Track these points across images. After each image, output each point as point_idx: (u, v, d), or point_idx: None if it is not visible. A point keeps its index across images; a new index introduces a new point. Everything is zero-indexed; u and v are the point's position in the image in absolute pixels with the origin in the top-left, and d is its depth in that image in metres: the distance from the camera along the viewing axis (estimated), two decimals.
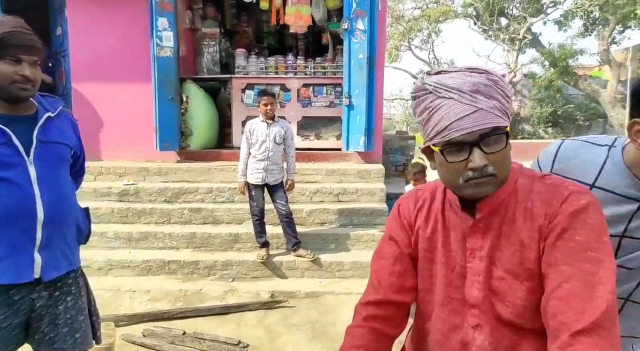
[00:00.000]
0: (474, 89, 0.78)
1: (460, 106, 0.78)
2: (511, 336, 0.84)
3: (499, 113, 0.79)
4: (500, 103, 0.79)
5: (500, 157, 0.80)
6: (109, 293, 3.52)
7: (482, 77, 0.80)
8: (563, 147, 1.07)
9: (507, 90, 0.82)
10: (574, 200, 0.80)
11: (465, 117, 0.78)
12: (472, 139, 0.78)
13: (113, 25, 5.27)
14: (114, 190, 4.58)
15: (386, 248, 1.00)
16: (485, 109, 0.78)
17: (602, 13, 14.27)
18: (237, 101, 5.63)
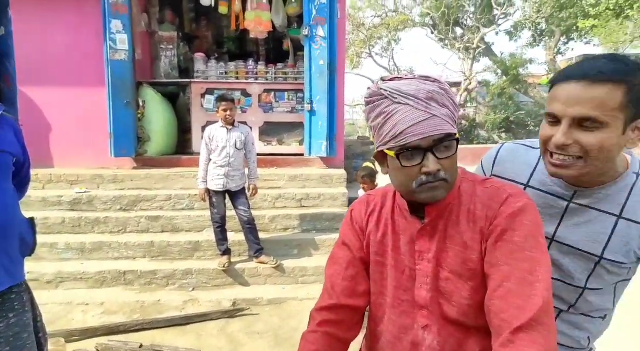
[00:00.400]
0: (428, 97, 0.81)
1: (416, 112, 0.81)
2: (457, 335, 0.88)
3: (450, 121, 0.83)
4: (450, 111, 0.83)
5: (451, 163, 0.84)
6: (60, 307, 3.35)
7: (435, 85, 0.83)
8: (502, 151, 1.13)
9: (455, 100, 0.86)
10: (512, 203, 0.84)
11: (420, 122, 0.80)
12: (426, 145, 0.81)
13: (63, 26, 5.05)
14: (65, 199, 4.35)
15: (339, 253, 1.02)
16: (439, 116, 0.81)
17: (548, 25, 15.19)
18: (197, 106, 5.52)
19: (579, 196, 0.96)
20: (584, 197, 0.95)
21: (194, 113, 5.53)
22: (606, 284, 0.98)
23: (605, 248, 0.94)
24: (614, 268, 0.95)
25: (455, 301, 0.86)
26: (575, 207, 0.96)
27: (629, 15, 9.91)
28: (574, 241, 0.96)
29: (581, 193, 0.96)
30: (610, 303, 1.02)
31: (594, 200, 0.94)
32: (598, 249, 0.94)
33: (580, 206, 0.96)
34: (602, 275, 0.96)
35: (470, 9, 16.52)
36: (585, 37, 13.76)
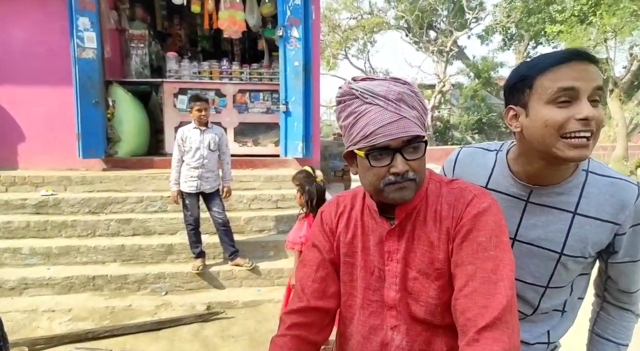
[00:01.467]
0: (398, 98, 0.82)
1: (386, 113, 0.81)
2: (425, 334, 0.88)
3: (418, 123, 0.84)
4: (419, 113, 0.85)
5: (419, 164, 0.85)
6: (24, 315, 3.20)
7: (405, 87, 0.84)
8: (460, 154, 1.16)
9: (424, 103, 0.87)
10: (477, 203, 0.85)
11: (390, 123, 0.81)
12: (395, 145, 0.82)
13: (25, 21, 4.85)
14: (29, 202, 4.17)
15: (309, 255, 1.01)
16: (408, 118, 0.82)
17: (517, 30, 15.67)
18: (170, 106, 5.41)
19: (534, 195, 0.99)
20: (540, 195, 0.98)
21: (166, 113, 5.41)
22: (565, 281, 1.01)
23: (565, 245, 0.96)
24: (574, 265, 0.98)
25: (422, 300, 0.87)
26: (533, 206, 0.99)
27: (592, 22, 10.34)
28: (534, 239, 0.99)
29: (537, 191, 0.98)
30: (565, 296, 1.04)
31: (549, 199, 0.97)
32: (558, 246, 0.97)
33: (537, 205, 0.98)
34: (562, 273, 0.99)
35: (443, 13, 16.87)
36: (553, 42, 14.27)
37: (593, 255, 0.98)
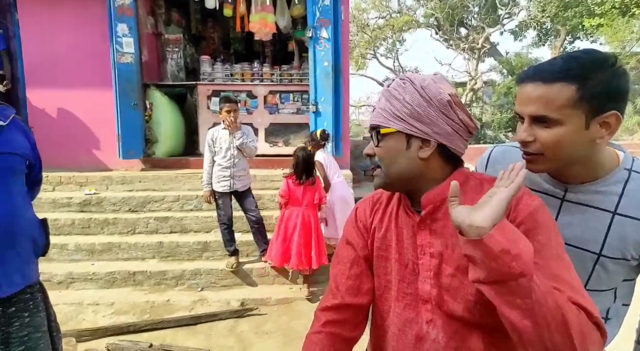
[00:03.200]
0: (385, 90, 0.92)
1: (378, 103, 0.94)
2: (462, 331, 0.87)
3: (386, 115, 0.89)
4: (392, 106, 0.89)
5: (381, 152, 0.91)
6: (71, 308, 3.37)
7: (397, 80, 0.92)
8: (493, 153, 1.15)
9: (414, 98, 0.87)
10: (528, 201, 0.84)
11: (373, 111, 0.94)
12: (370, 131, 0.94)
13: (70, 29, 5.11)
14: (74, 200, 4.39)
15: (343, 252, 1.02)
16: (378, 109, 0.92)
17: (553, 24, 15.12)
18: (204, 108, 5.56)
19: (571, 193, 0.97)
20: (576, 193, 0.96)
21: (200, 114, 5.56)
22: (606, 285, 0.97)
23: (603, 245, 0.93)
24: (614, 267, 0.94)
25: (460, 297, 0.86)
26: (569, 205, 0.97)
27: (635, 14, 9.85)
28: (571, 238, 0.96)
29: (573, 189, 0.96)
30: (609, 303, 1.00)
31: (587, 197, 0.95)
32: (596, 246, 0.94)
33: (573, 203, 0.96)
34: (602, 275, 0.95)
35: (474, 9, 16.49)
36: (591, 36, 13.69)
37: (637, 258, 0.93)
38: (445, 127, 0.87)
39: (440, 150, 0.89)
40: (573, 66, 0.84)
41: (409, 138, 0.88)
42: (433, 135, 0.87)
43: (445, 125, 0.87)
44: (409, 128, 0.87)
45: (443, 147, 0.89)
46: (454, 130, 0.87)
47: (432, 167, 0.90)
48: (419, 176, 0.90)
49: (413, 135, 0.87)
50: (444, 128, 0.87)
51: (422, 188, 0.91)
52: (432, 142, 0.87)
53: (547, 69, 0.87)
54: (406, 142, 0.88)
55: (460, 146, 0.90)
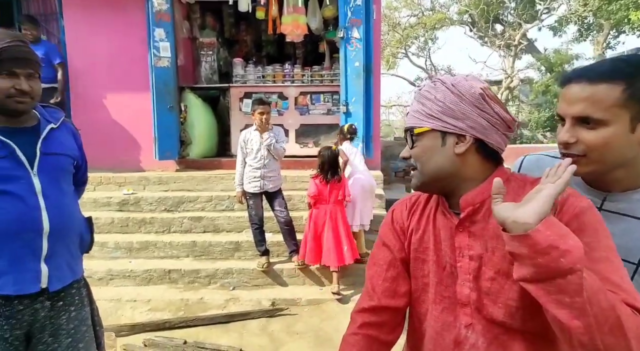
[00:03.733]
0: (417, 93, 0.92)
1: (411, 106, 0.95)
2: (503, 337, 0.84)
3: (419, 116, 0.90)
4: (425, 107, 0.89)
5: (417, 152, 0.91)
6: (110, 304, 3.51)
7: (428, 82, 0.92)
8: (525, 162, 1.14)
9: (446, 96, 0.86)
10: (575, 202, 0.80)
11: (408, 114, 0.95)
12: (405, 133, 0.95)
13: (110, 35, 5.31)
14: (114, 200, 4.57)
15: (379, 254, 1.02)
16: (411, 112, 0.93)
17: (596, 19, 14.44)
18: (236, 110, 5.65)
19: (609, 202, 0.93)
20: (616, 202, 0.92)
21: (233, 116, 5.66)
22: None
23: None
24: None
25: (501, 302, 0.83)
26: (607, 214, 0.92)
27: None
28: None
29: (611, 198, 0.93)
30: None
31: (627, 206, 0.91)
32: (635, 257, 0.90)
33: (612, 213, 0.93)
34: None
35: (510, 5, 15.98)
36: (638, 30, 12.97)
37: None
38: (480, 121, 0.85)
39: (478, 146, 0.87)
40: (621, 66, 0.84)
41: (444, 135, 0.87)
42: (468, 129, 0.85)
43: (480, 118, 0.85)
44: (442, 125, 0.86)
45: (481, 143, 0.86)
46: (490, 124, 0.85)
47: (469, 164, 0.87)
48: (456, 174, 0.88)
49: (448, 131, 0.87)
50: (478, 122, 0.85)
51: (460, 188, 0.89)
52: (468, 136, 0.86)
53: (594, 68, 0.86)
54: (441, 139, 0.87)
55: (498, 141, 0.87)
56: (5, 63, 1.31)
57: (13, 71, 1.32)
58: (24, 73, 1.34)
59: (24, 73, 1.34)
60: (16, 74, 1.33)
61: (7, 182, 1.33)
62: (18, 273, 1.34)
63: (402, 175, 6.41)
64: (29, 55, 1.36)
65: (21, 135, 1.39)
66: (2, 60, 1.30)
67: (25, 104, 1.36)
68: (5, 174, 1.33)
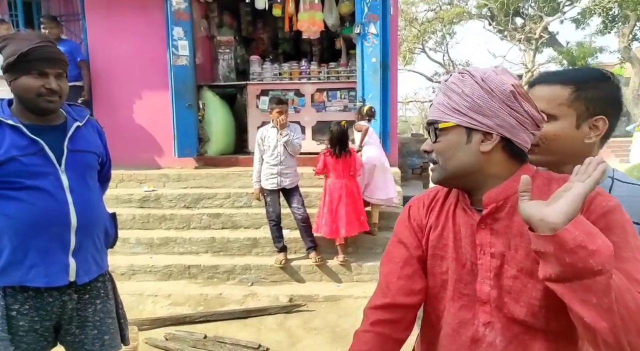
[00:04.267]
0: (442, 85, 0.90)
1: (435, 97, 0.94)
2: (523, 336, 0.83)
3: (443, 110, 0.87)
4: (451, 101, 0.86)
5: (439, 147, 0.89)
6: (132, 298, 3.59)
7: (455, 74, 0.88)
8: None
9: (474, 90, 0.84)
10: (602, 201, 0.78)
11: (431, 106, 0.93)
12: (427, 126, 0.93)
13: (131, 34, 5.41)
14: (135, 197, 4.67)
15: (395, 251, 1.01)
16: (435, 104, 0.90)
17: (621, 10, 13.99)
18: (253, 107, 5.69)
19: None
20: None
21: (250, 113, 5.71)
22: None
23: None
24: None
25: (523, 301, 0.82)
26: None
27: None
28: None
29: None
30: None
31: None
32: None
33: None
34: None
35: None
36: None
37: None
38: (508, 119, 0.83)
39: (504, 145, 0.85)
40: (574, 74, 1.03)
41: (470, 131, 0.85)
42: (495, 127, 0.83)
43: (509, 117, 0.82)
44: (469, 121, 0.84)
45: (507, 141, 0.84)
46: (519, 123, 0.83)
47: (494, 161, 0.86)
48: (479, 171, 0.86)
49: (474, 128, 0.84)
50: (507, 120, 0.83)
51: (483, 185, 0.88)
52: (495, 135, 0.83)
53: (553, 74, 1.05)
54: (467, 136, 0.85)
55: (525, 140, 0.85)
56: (35, 63, 1.35)
57: (44, 71, 1.37)
58: (54, 73, 1.39)
59: (54, 73, 1.39)
60: (46, 73, 1.37)
61: (37, 178, 1.38)
62: (48, 266, 1.39)
63: (419, 172, 6.37)
64: (58, 55, 1.41)
65: (49, 132, 1.44)
66: (32, 60, 1.34)
67: (54, 103, 1.41)
68: (36, 170, 1.38)
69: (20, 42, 1.35)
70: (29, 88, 1.36)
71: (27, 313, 1.39)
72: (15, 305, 1.38)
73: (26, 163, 1.36)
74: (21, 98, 1.40)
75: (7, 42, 1.37)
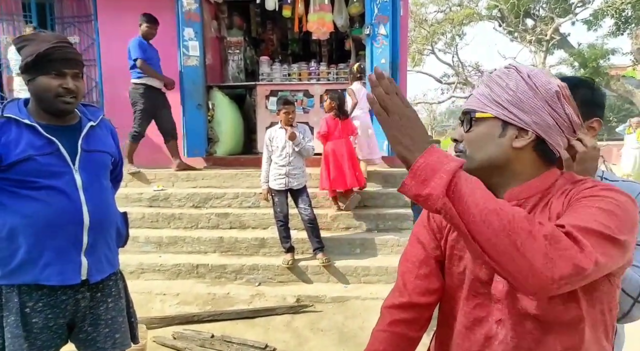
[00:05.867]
0: (486, 77, 0.89)
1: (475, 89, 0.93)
2: (535, 332, 0.84)
3: (484, 100, 0.86)
4: (492, 92, 0.85)
5: (470, 137, 0.88)
6: (141, 296, 3.62)
7: (502, 68, 0.88)
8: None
9: (517, 84, 0.84)
10: (587, 182, 0.80)
11: (469, 96, 0.91)
12: (461, 116, 0.91)
13: None
14: (144, 196, 4.71)
15: (413, 251, 1.02)
16: (475, 95, 0.89)
17: (635, 11, 13.81)
18: (262, 108, 5.72)
19: None
20: None
21: (259, 114, 5.73)
22: None
23: None
24: None
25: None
26: None
27: None
28: None
29: None
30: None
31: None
32: None
33: None
34: None
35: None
36: None
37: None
38: (547, 119, 0.82)
39: (537, 144, 0.84)
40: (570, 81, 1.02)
41: (506, 125, 0.84)
42: (532, 125, 0.82)
43: (548, 116, 0.82)
44: (507, 114, 0.83)
45: (540, 141, 0.84)
46: (557, 124, 0.82)
47: (522, 159, 0.85)
48: (506, 167, 0.86)
49: (510, 122, 0.83)
50: (546, 119, 0.82)
51: (506, 183, 0.87)
52: (530, 132, 0.83)
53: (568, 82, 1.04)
54: (501, 129, 0.84)
55: (559, 143, 0.84)
56: (54, 63, 1.38)
57: (61, 71, 1.39)
58: (71, 73, 1.41)
59: (71, 73, 1.41)
60: (64, 73, 1.39)
61: (53, 178, 1.40)
62: (62, 265, 1.41)
63: None
64: (75, 55, 1.43)
65: (64, 132, 1.46)
66: (50, 60, 1.37)
67: (71, 104, 1.44)
68: (51, 170, 1.40)
69: (39, 43, 1.37)
70: (47, 88, 1.38)
71: (42, 311, 1.41)
72: (29, 303, 1.40)
73: (42, 163, 1.39)
74: (39, 98, 1.42)
75: (26, 43, 1.39)
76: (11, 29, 5.88)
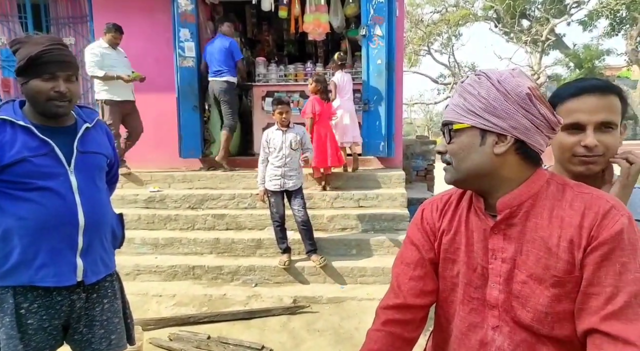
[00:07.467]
0: (459, 87, 0.90)
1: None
2: (530, 341, 0.84)
3: (458, 111, 0.87)
4: (466, 102, 0.86)
5: (453, 148, 0.89)
6: (137, 298, 3.62)
7: (472, 76, 0.89)
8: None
9: (489, 92, 0.84)
10: (616, 216, 0.78)
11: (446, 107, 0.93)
12: (443, 127, 0.93)
13: (138, 36, 5.44)
14: (140, 197, 4.70)
15: (407, 253, 1.02)
16: (451, 105, 0.90)
17: (629, 12, 13.91)
18: (258, 109, 5.72)
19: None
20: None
21: (255, 115, 5.73)
22: None
23: None
24: None
25: (530, 306, 0.83)
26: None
27: None
28: None
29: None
30: None
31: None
32: None
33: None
34: None
35: (538, 0, 15.57)
36: None
37: None
38: (523, 122, 0.82)
39: (518, 147, 0.84)
40: (611, 85, 1.05)
41: (484, 133, 0.85)
42: (510, 129, 0.83)
43: (524, 119, 0.82)
44: (483, 123, 0.84)
45: (521, 144, 0.84)
46: (534, 125, 0.83)
47: (507, 164, 0.85)
48: (493, 173, 0.86)
49: (488, 130, 0.84)
50: (522, 122, 0.82)
51: (496, 188, 0.88)
52: (509, 137, 0.83)
53: (599, 84, 1.05)
54: (480, 137, 0.85)
55: (540, 143, 0.85)
56: (46, 66, 1.37)
57: (55, 74, 1.38)
58: (64, 75, 1.40)
59: (64, 75, 1.40)
60: (57, 76, 1.39)
61: (48, 179, 1.40)
62: (57, 266, 1.41)
63: (423, 175, 6.34)
64: (68, 58, 1.42)
65: (59, 133, 1.46)
66: (43, 63, 1.36)
67: (64, 108, 1.43)
68: (46, 171, 1.40)
69: (32, 45, 1.37)
70: (39, 91, 1.38)
71: (37, 312, 1.41)
72: (24, 304, 1.40)
73: (37, 164, 1.39)
74: (32, 101, 1.42)
75: (19, 46, 1.39)
76: (6, 31, 5.85)
